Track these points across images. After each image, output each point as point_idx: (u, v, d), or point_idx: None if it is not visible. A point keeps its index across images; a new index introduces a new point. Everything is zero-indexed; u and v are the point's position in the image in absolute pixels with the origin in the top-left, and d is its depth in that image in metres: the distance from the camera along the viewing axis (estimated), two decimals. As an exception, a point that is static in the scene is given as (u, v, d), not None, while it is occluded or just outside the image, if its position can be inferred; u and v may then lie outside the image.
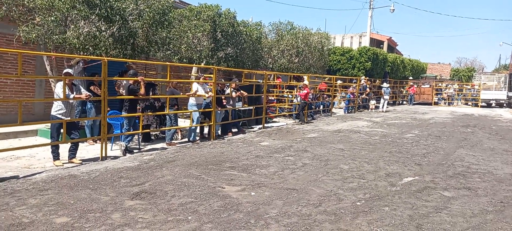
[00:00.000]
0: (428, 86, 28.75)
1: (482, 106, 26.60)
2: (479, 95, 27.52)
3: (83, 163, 6.46)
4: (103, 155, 6.88)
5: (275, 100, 15.50)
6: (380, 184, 5.68)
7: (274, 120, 14.32)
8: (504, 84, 28.68)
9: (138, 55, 9.27)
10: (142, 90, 7.64)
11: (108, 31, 7.98)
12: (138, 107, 8.18)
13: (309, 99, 14.64)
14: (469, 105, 27.88)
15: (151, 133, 9.08)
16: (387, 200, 4.88)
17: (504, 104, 26.96)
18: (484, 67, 72.16)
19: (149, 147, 8.35)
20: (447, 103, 28.20)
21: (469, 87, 31.10)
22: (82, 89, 6.95)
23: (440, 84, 30.63)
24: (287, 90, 17.00)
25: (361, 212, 4.41)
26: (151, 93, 8.50)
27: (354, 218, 4.21)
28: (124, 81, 8.18)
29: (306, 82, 14.35)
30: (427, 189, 5.48)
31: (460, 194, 5.26)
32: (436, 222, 4.17)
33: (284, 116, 15.00)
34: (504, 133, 12.09)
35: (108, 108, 8.13)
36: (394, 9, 28.97)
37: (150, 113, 8.58)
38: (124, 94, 7.93)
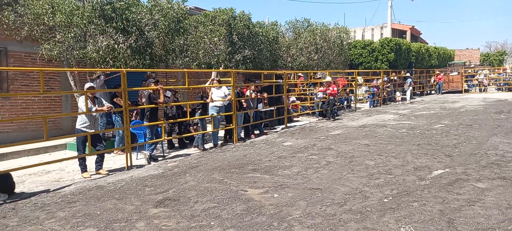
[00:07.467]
0: (457, 73, 27.69)
1: (516, 91, 25.30)
2: (512, 79, 26.21)
3: (110, 173, 6.58)
4: (129, 164, 7.00)
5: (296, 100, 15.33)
6: (408, 178, 5.47)
7: (297, 119, 14.18)
8: (539, 65, 27.21)
9: (156, 64, 9.40)
10: (161, 98, 7.73)
11: (125, 43, 8.14)
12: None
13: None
14: (502, 90, 26.61)
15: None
16: (416, 195, 4.68)
17: (540, 87, 25.56)
18: (516, 49, 68.84)
19: (173, 153, 8.43)
20: (479, 90, 27.02)
21: (500, 71, 29.71)
22: (104, 102, 7.10)
23: (469, 71, 29.41)
24: (309, 88, 16.80)
25: (388, 209, 4.24)
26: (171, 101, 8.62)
27: (381, 216, 4.06)
28: (145, 91, 8.31)
29: (329, 79, 14.12)
30: (458, 181, 5.22)
31: (494, 185, 4.98)
32: (469, 216, 3.95)
33: (307, 114, 14.82)
34: (541, 117, 11.44)
35: (133, 118, 8.29)
36: (415, -3, 28.14)
37: (172, 121, 8.69)
38: (145, 103, 8.07)
